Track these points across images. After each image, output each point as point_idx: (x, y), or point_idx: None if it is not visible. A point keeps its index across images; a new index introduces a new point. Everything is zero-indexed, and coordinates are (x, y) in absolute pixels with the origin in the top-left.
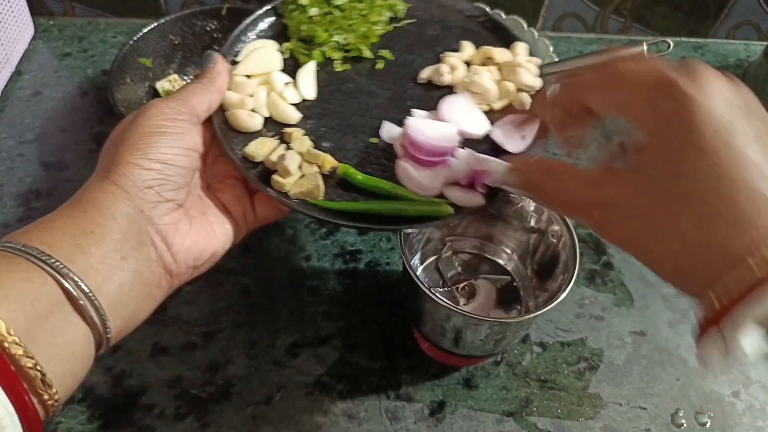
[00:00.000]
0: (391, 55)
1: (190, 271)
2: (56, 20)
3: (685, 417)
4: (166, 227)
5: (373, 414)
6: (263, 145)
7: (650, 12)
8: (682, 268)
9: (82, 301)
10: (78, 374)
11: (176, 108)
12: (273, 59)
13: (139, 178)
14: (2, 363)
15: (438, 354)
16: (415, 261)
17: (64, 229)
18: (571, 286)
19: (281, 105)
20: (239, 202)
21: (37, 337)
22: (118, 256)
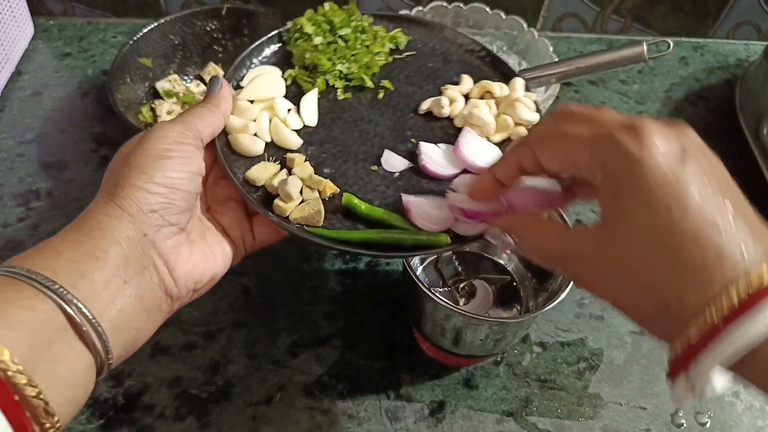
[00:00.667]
0: (391, 86)
1: (190, 294)
2: (56, 20)
3: (685, 417)
4: (169, 251)
5: (373, 414)
6: (265, 170)
7: (650, 12)
8: (649, 316)
9: (85, 327)
10: (79, 401)
11: (181, 132)
12: (276, 85)
13: (144, 202)
14: (6, 392)
15: (438, 354)
16: (415, 261)
17: (67, 255)
18: (571, 286)
19: (283, 130)
20: (238, 224)
21: (40, 366)
22: (120, 281)
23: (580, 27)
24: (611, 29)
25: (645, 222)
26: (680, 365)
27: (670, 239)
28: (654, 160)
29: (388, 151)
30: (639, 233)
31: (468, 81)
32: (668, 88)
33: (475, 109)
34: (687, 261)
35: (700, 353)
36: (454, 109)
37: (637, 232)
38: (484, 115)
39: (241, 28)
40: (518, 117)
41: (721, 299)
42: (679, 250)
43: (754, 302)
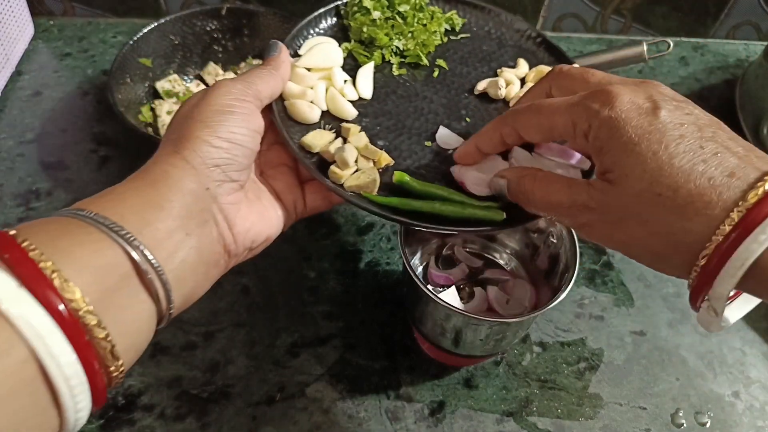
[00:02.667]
0: (446, 65)
1: (246, 252)
2: (56, 20)
3: (685, 417)
4: (229, 207)
5: (373, 414)
6: (321, 137)
7: (650, 12)
8: (660, 255)
9: (150, 275)
10: (140, 349)
11: (243, 89)
12: (335, 55)
13: (207, 155)
14: (78, 331)
15: (438, 354)
16: (415, 261)
17: (133, 202)
18: (570, 286)
19: (340, 100)
20: (290, 190)
21: (109, 310)
22: (183, 233)
23: (580, 27)
24: (611, 29)
25: (636, 168)
26: (699, 292)
27: (663, 178)
28: (626, 114)
29: (443, 127)
30: (634, 179)
31: (524, 65)
32: None
33: None
34: (684, 193)
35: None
36: (510, 91)
37: (631, 178)
38: None
39: (241, 28)
40: None
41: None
42: (674, 187)
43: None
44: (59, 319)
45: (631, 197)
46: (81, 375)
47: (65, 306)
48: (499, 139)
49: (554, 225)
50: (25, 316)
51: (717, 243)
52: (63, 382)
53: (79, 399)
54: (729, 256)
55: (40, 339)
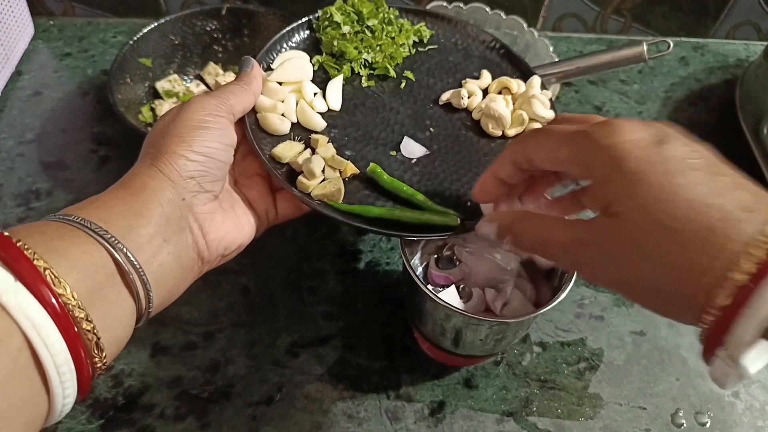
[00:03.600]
0: (413, 77)
1: (218, 259)
2: (56, 20)
3: (685, 417)
4: (204, 216)
5: (373, 414)
6: (290, 148)
7: (650, 12)
8: (668, 296)
9: (132, 275)
10: (121, 343)
11: (216, 105)
12: (305, 69)
13: (183, 168)
14: (68, 323)
15: (438, 354)
16: (415, 261)
17: (117, 209)
18: (570, 286)
19: (309, 112)
20: (263, 199)
21: (94, 306)
22: (161, 239)
23: (580, 27)
24: (611, 29)
25: (643, 201)
26: (715, 339)
27: (675, 211)
28: (629, 145)
29: (407, 138)
30: (641, 212)
31: (487, 76)
32: (668, 88)
33: (492, 102)
34: (698, 228)
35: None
36: (472, 102)
37: (638, 212)
38: (500, 108)
39: (241, 28)
40: (533, 113)
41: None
42: (687, 220)
43: None
44: (52, 311)
45: (637, 230)
46: (70, 363)
47: (56, 300)
48: (512, 165)
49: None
50: (22, 308)
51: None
52: (54, 369)
53: (67, 386)
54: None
55: (35, 329)
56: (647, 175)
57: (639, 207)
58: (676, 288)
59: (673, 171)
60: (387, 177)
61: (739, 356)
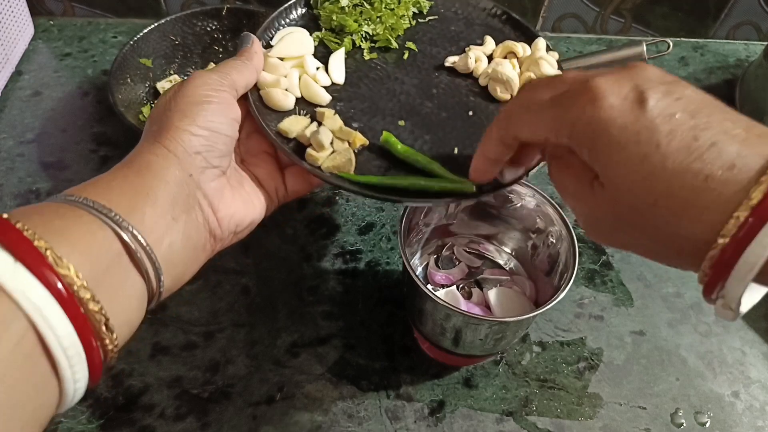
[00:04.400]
0: (415, 47)
1: (231, 236)
2: (56, 20)
3: (684, 417)
4: (213, 192)
5: (373, 414)
6: (297, 123)
7: (650, 12)
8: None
9: (140, 254)
10: (133, 326)
11: (218, 80)
12: (306, 43)
13: (188, 144)
14: (73, 304)
15: (438, 354)
16: (415, 261)
17: (120, 189)
18: (570, 286)
19: (313, 86)
20: (271, 176)
21: (101, 286)
22: (169, 218)
23: (580, 27)
24: (611, 29)
25: (626, 178)
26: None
27: (655, 185)
28: (608, 114)
29: None
30: (625, 191)
31: (491, 42)
32: None
33: (499, 66)
34: (679, 200)
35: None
36: (478, 67)
37: (622, 190)
38: (508, 71)
39: (241, 29)
40: (542, 74)
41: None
42: (668, 194)
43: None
44: (55, 292)
45: (624, 207)
46: (78, 346)
47: (60, 281)
48: (499, 142)
49: (554, 225)
50: (24, 290)
51: (722, 246)
52: (61, 352)
53: (76, 369)
54: (736, 259)
55: (38, 311)
56: (629, 148)
57: (624, 185)
58: (671, 252)
59: (654, 139)
60: (401, 146)
61: (733, 305)
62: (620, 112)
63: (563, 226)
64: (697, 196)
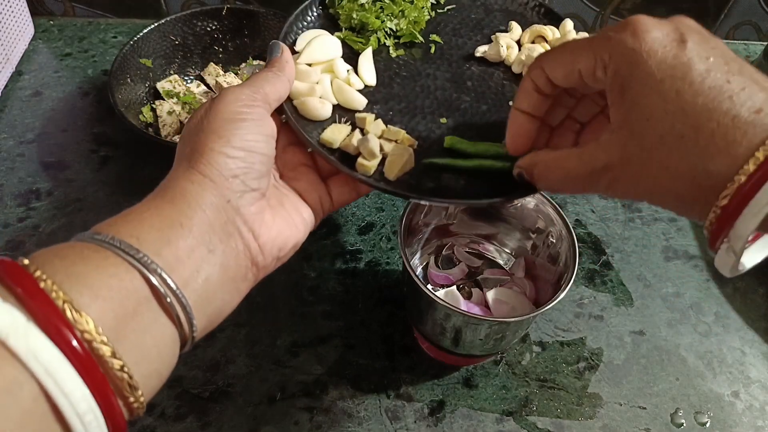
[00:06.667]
0: (440, 39)
1: (274, 262)
2: (56, 20)
3: (684, 417)
4: (253, 217)
5: (373, 413)
6: (339, 132)
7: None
8: (685, 199)
9: (169, 298)
10: (163, 375)
11: (251, 95)
12: (333, 46)
13: (225, 167)
14: (91, 364)
15: (438, 353)
16: (415, 261)
17: (152, 221)
18: (570, 286)
19: (348, 91)
20: (314, 188)
21: (126, 337)
22: (205, 250)
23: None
24: None
25: (658, 109)
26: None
27: (685, 119)
28: (650, 46)
29: None
30: (655, 122)
31: (516, 28)
32: None
33: (534, 52)
34: (706, 134)
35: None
36: (510, 55)
37: (653, 121)
38: None
39: (241, 29)
40: None
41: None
42: (696, 127)
43: None
44: (71, 352)
45: (652, 141)
46: (96, 410)
47: (77, 339)
48: (533, 92)
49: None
50: (35, 352)
51: (739, 183)
52: (76, 419)
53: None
54: (752, 195)
55: (49, 375)
56: (665, 82)
57: (655, 117)
58: (690, 192)
59: (690, 76)
60: (469, 144)
61: (738, 248)
62: (661, 46)
63: (563, 226)
64: (724, 132)
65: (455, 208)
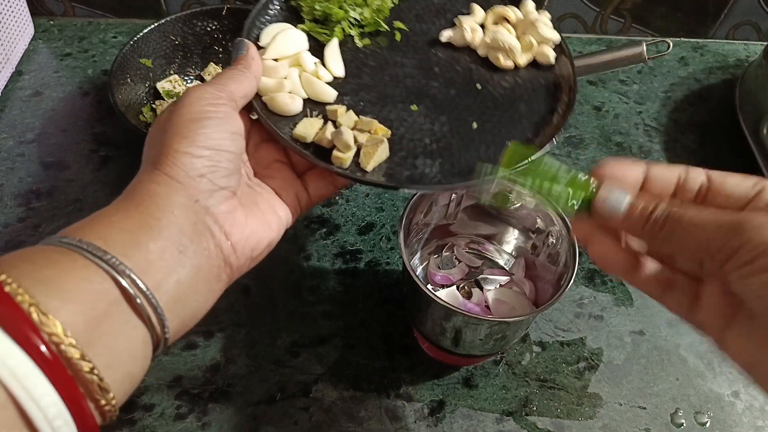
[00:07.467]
0: (405, 27)
1: (248, 262)
2: (56, 20)
3: (684, 417)
4: (224, 216)
5: (373, 413)
6: (311, 126)
7: (650, 12)
8: None
9: (140, 299)
10: (135, 377)
11: (215, 93)
12: (299, 40)
13: (190, 167)
14: (59, 367)
15: (438, 353)
16: (415, 261)
17: (120, 224)
18: (570, 286)
19: (317, 84)
20: (290, 184)
21: (97, 340)
22: (175, 251)
23: (579, 27)
24: (611, 30)
25: None
26: None
27: None
28: None
29: None
30: None
31: (478, 10)
32: (668, 89)
33: (498, 34)
34: None
35: None
36: (474, 39)
37: None
38: (509, 38)
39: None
40: (540, 36)
41: None
42: None
43: None
44: (38, 357)
45: None
46: (66, 415)
47: (44, 342)
48: None
49: (554, 225)
50: (1, 357)
51: None
52: (45, 424)
53: None
54: None
55: (17, 381)
56: None
57: None
58: None
59: None
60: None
61: None
62: None
63: (563, 226)
64: None
65: (455, 207)
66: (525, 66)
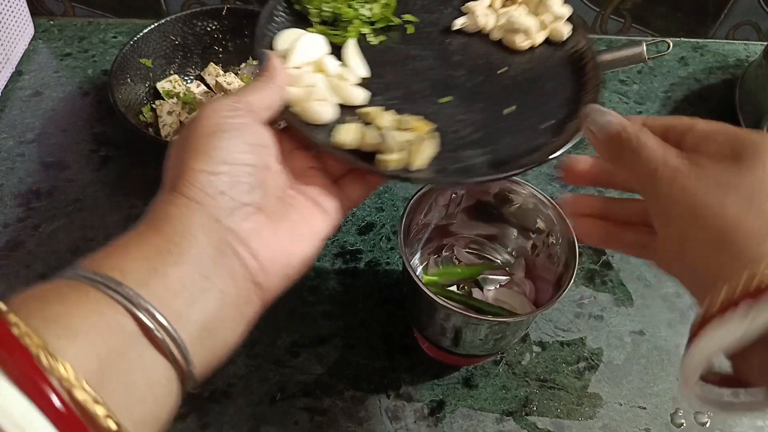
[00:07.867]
0: (415, 18)
1: (281, 281)
2: (56, 20)
3: (684, 416)
4: (248, 234)
5: (373, 413)
6: (349, 132)
7: (650, 12)
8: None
9: (159, 333)
10: (161, 418)
11: (231, 105)
12: (318, 44)
13: (208, 185)
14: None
15: (438, 353)
16: (415, 261)
17: (137, 252)
18: (570, 286)
19: (346, 87)
20: (328, 190)
21: (112, 379)
22: (198, 276)
23: None
24: (611, 30)
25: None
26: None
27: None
28: None
29: None
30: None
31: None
32: (668, 89)
33: (513, 17)
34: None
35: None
36: (487, 23)
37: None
38: (524, 20)
39: (241, 29)
40: (553, 14)
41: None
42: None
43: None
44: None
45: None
46: None
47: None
48: None
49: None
50: (5, 408)
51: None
52: None
53: None
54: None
55: None
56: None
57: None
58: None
59: None
60: None
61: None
62: None
63: (563, 225)
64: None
65: (455, 207)
66: (541, 44)
